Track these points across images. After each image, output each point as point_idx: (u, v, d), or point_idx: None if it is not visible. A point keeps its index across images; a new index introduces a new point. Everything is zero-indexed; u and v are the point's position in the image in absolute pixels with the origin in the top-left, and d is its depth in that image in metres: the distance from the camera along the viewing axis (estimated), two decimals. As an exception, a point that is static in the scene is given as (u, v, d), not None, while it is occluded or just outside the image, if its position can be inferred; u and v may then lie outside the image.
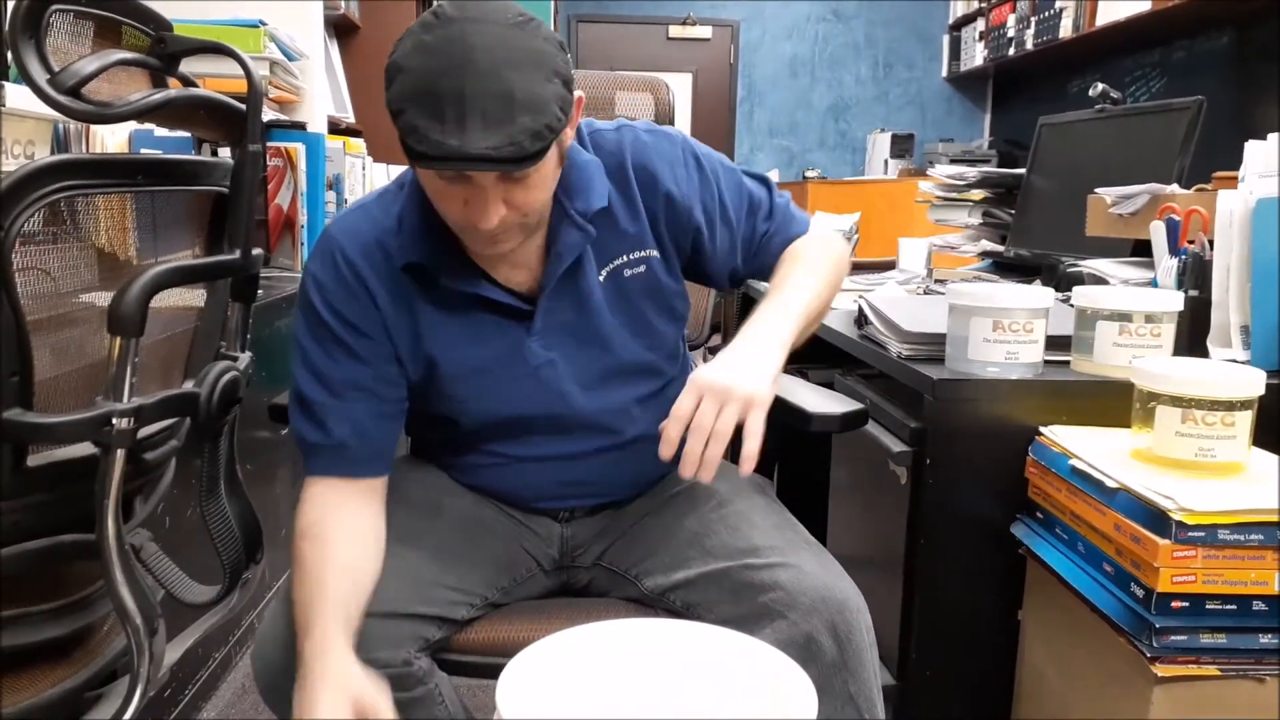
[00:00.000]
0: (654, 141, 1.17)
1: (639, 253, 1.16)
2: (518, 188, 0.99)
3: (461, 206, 1.00)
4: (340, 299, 1.11)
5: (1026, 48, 5.08)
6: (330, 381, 1.12)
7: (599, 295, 1.14)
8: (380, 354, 1.12)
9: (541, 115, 0.94)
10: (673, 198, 1.15)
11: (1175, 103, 1.85)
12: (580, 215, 1.10)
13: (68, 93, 0.85)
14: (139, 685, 1.01)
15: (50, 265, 0.92)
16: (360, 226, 1.12)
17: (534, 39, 0.96)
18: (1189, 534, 1.00)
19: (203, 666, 1.92)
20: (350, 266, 1.11)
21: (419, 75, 0.94)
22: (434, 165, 0.95)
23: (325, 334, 1.11)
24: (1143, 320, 1.28)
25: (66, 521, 0.96)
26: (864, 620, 1.05)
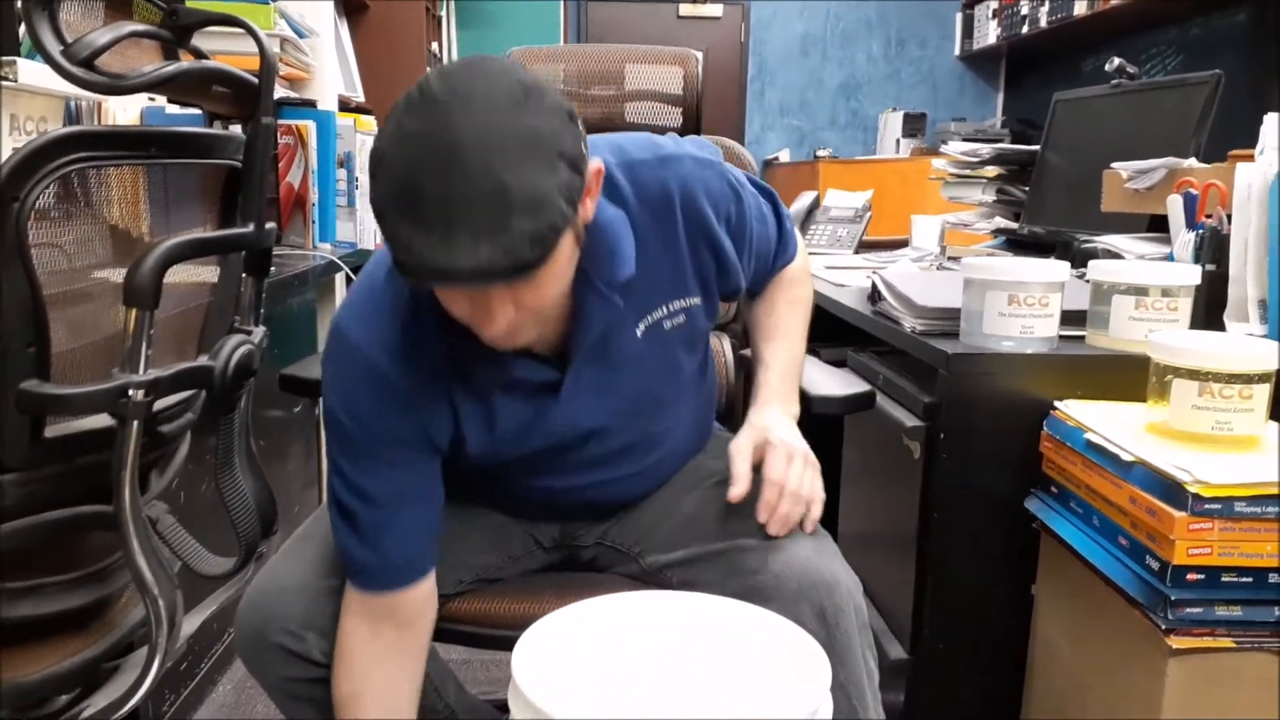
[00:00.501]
0: (701, 175, 1.05)
1: (680, 302, 1.07)
2: (527, 288, 0.87)
3: (465, 308, 0.89)
4: (369, 408, 1.00)
5: (1040, 25, 5.03)
6: (367, 495, 1.02)
7: (634, 351, 1.06)
8: (419, 452, 1.03)
9: (542, 214, 0.81)
10: (719, 239, 1.06)
11: (1192, 77, 1.83)
12: (608, 287, 0.99)
13: (81, 64, 0.85)
14: (157, 655, 1.02)
15: (63, 241, 0.92)
16: (372, 323, 1.00)
17: (534, 117, 0.82)
18: (1205, 506, 0.99)
19: (218, 641, 1.93)
20: (372, 368, 0.99)
21: (400, 171, 0.81)
22: (421, 282, 0.86)
23: (354, 446, 1.02)
24: (1159, 294, 1.27)
25: (84, 493, 0.97)
26: (854, 604, 1.03)
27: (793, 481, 1.03)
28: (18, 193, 0.81)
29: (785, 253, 1.21)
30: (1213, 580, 1.01)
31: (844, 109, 6.46)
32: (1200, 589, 1.02)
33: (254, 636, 1.07)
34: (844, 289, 1.84)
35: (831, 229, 2.48)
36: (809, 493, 1.05)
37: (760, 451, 1.06)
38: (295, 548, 1.13)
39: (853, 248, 2.43)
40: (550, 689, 0.80)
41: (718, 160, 1.08)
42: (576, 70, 1.56)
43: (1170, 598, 1.02)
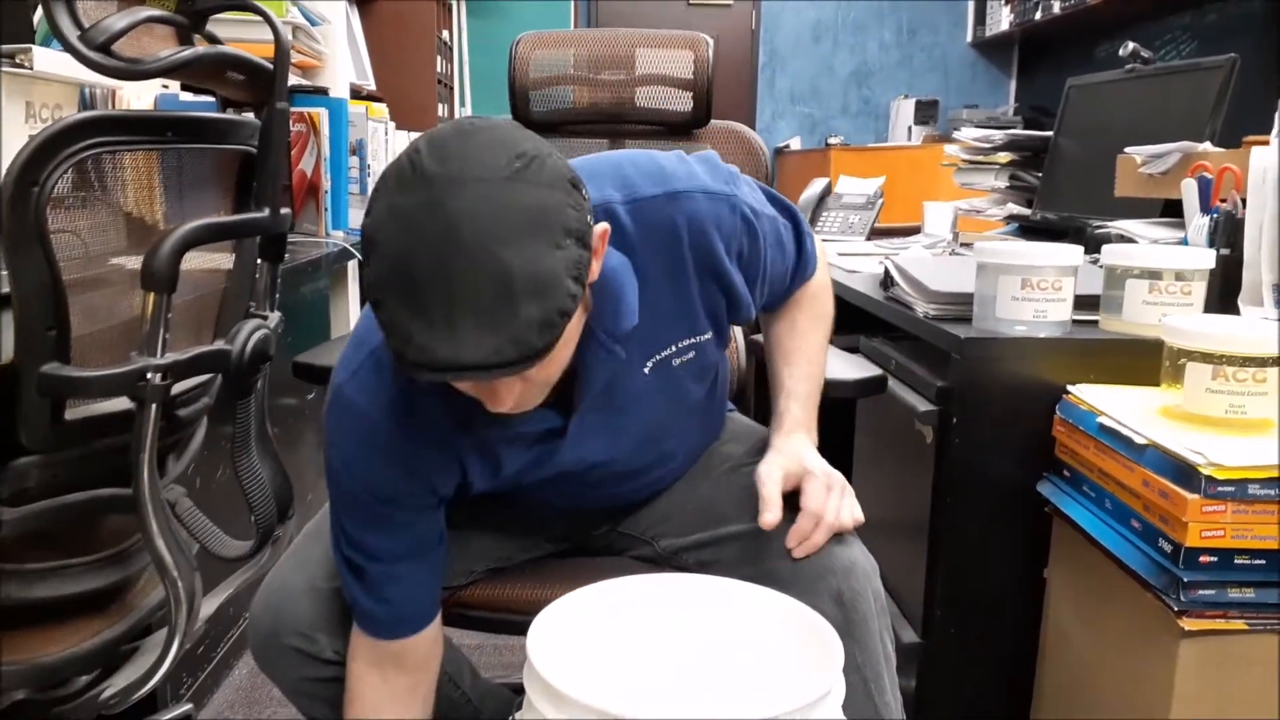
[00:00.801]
0: (713, 210, 0.98)
1: (689, 339, 1.04)
2: (532, 371, 0.82)
3: (470, 387, 0.85)
4: (372, 469, 0.97)
5: (1054, 11, 4.99)
6: (372, 553, 1.01)
7: (640, 389, 1.03)
8: (421, 510, 1.01)
9: (550, 299, 0.76)
10: (729, 275, 1.01)
11: (1207, 61, 1.82)
12: (611, 339, 0.95)
13: (98, 49, 0.86)
14: (176, 636, 1.03)
15: (80, 227, 0.93)
16: (374, 380, 0.96)
17: (534, 191, 0.77)
18: (1219, 489, 0.99)
19: (234, 626, 1.95)
20: (373, 427, 0.96)
21: (395, 255, 0.76)
22: (427, 378, 0.79)
23: (357, 510, 1.00)
24: (1173, 278, 1.27)
25: (103, 476, 0.98)
26: (872, 586, 1.04)
27: (830, 514, 1.02)
28: (38, 177, 0.82)
29: (804, 272, 1.16)
30: (1225, 562, 1.02)
31: (855, 96, 6.43)
32: (1212, 571, 1.02)
33: (267, 638, 1.08)
34: (856, 275, 1.84)
35: (843, 216, 2.48)
36: (847, 520, 1.03)
37: (793, 480, 1.04)
38: (304, 546, 1.13)
39: (865, 234, 2.42)
40: (565, 669, 0.80)
41: (731, 190, 1.01)
42: (587, 55, 1.55)
43: (1182, 580, 1.02)
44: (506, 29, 4.64)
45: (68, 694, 1.07)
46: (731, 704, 0.90)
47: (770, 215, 1.07)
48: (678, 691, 0.93)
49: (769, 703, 0.77)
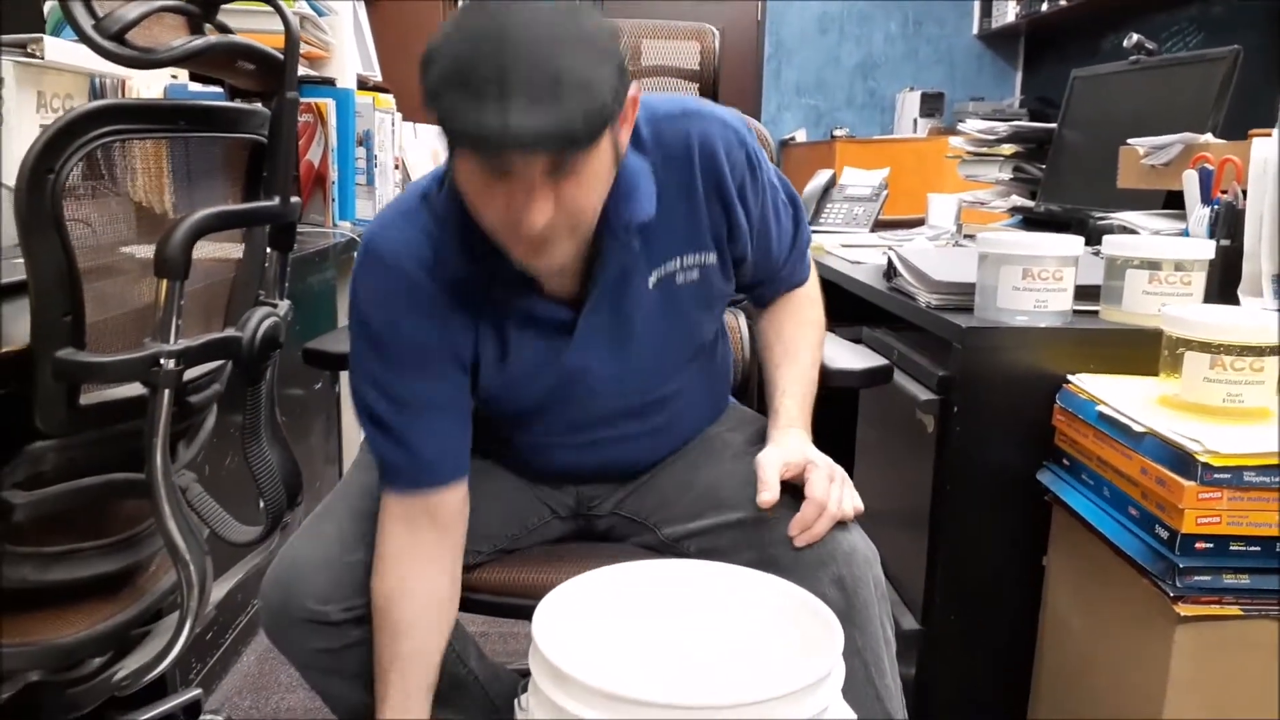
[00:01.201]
0: (724, 135, 1.06)
1: (694, 256, 1.08)
2: (568, 183, 0.88)
3: (503, 209, 0.89)
4: (401, 314, 1.02)
5: (1060, 3, 4.98)
6: (401, 399, 1.05)
7: (645, 304, 1.08)
8: (446, 363, 1.05)
9: (594, 96, 0.83)
10: (730, 197, 1.07)
11: (1211, 53, 1.83)
12: (624, 229, 1.01)
13: (112, 38, 0.87)
14: (188, 619, 1.05)
15: (93, 215, 0.94)
16: (405, 235, 1.02)
17: (585, 21, 0.87)
18: (1214, 476, 1.01)
19: (242, 612, 1.97)
20: (405, 276, 1.01)
21: (455, 59, 0.84)
22: (475, 148, 0.85)
23: (388, 352, 1.04)
24: (1172, 268, 1.28)
25: (116, 460, 1.00)
26: (872, 573, 1.06)
27: (833, 504, 1.04)
28: (53, 164, 0.83)
29: (798, 265, 1.22)
30: (1221, 549, 1.03)
31: (861, 88, 6.42)
32: (1208, 557, 1.03)
33: (278, 612, 1.09)
34: (860, 266, 1.85)
35: (848, 207, 2.49)
36: (849, 509, 1.06)
37: (793, 469, 1.06)
38: (316, 524, 1.15)
39: (869, 226, 2.43)
40: (570, 652, 0.82)
41: (747, 133, 1.08)
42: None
43: (1179, 566, 1.03)
44: (512, 20, 4.63)
45: (81, 676, 1.09)
46: (733, 686, 0.92)
47: (774, 180, 1.15)
48: (681, 674, 0.94)
49: (769, 685, 0.78)
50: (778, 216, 1.16)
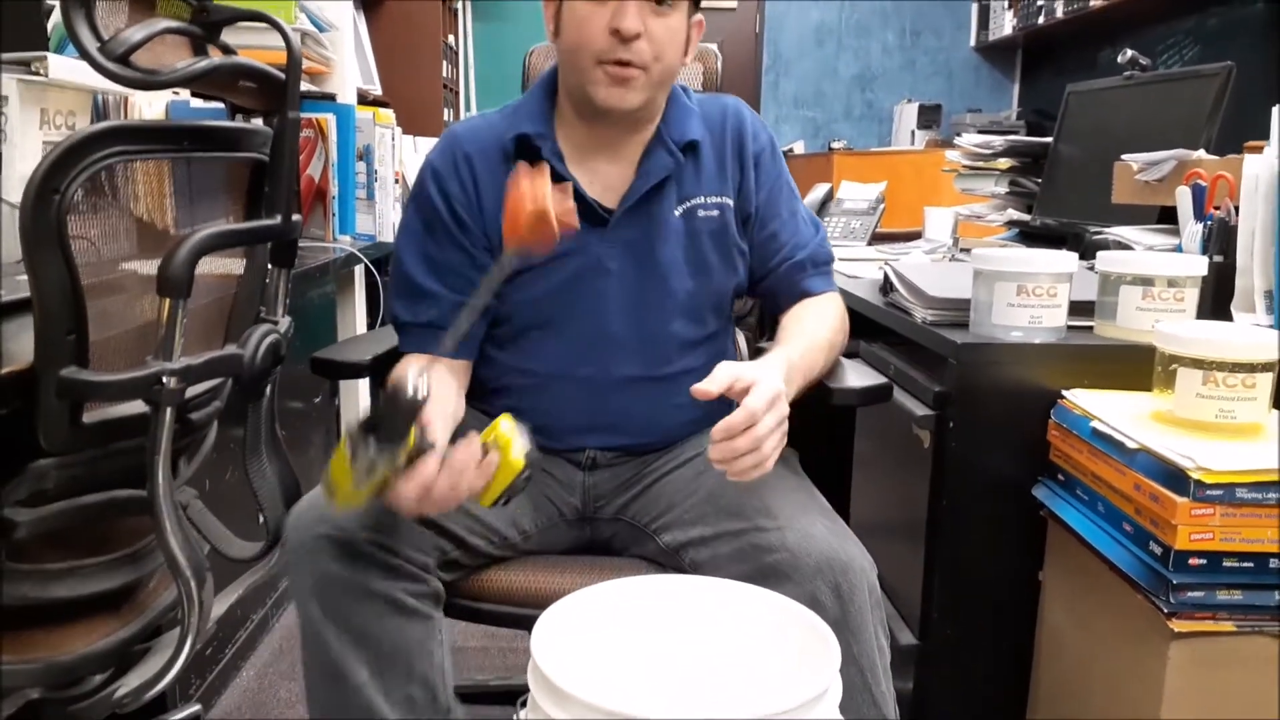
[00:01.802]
0: (754, 120, 1.31)
1: (716, 198, 1.26)
2: (657, 20, 1.13)
3: (604, 26, 1.12)
4: (452, 188, 1.23)
5: (1056, 16, 5.01)
6: (434, 263, 1.23)
7: (671, 226, 1.24)
8: (477, 244, 1.23)
9: None
10: (749, 159, 1.28)
11: (1204, 69, 1.84)
12: (674, 142, 1.22)
13: (117, 60, 0.89)
14: (189, 635, 1.06)
15: (95, 233, 0.95)
16: (481, 128, 1.26)
17: None
18: (1207, 492, 1.01)
19: (241, 627, 1.97)
20: (465, 158, 1.23)
21: None
22: None
23: (435, 219, 1.23)
24: (1165, 284, 1.29)
25: (118, 478, 1.01)
26: (867, 582, 1.07)
27: (762, 426, 1.00)
28: (58, 185, 0.84)
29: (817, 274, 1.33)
30: (1214, 565, 1.04)
31: (859, 100, 6.45)
32: (1202, 574, 1.04)
33: (302, 531, 1.10)
34: (857, 281, 1.86)
35: (845, 221, 2.50)
36: (766, 451, 1.01)
37: (744, 383, 1.02)
38: None
39: (866, 239, 2.45)
40: (569, 668, 0.82)
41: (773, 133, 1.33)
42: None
43: (1172, 582, 1.04)
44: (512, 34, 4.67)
45: (81, 693, 1.09)
46: (732, 703, 0.92)
47: (791, 185, 1.33)
48: (679, 690, 0.95)
49: (768, 702, 0.79)
50: (791, 209, 1.31)
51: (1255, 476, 1.02)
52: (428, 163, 1.26)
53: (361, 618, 1.09)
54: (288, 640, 2.07)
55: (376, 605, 1.09)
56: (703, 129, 1.26)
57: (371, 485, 0.97)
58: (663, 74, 1.17)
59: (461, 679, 1.89)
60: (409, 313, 1.25)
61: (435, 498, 0.98)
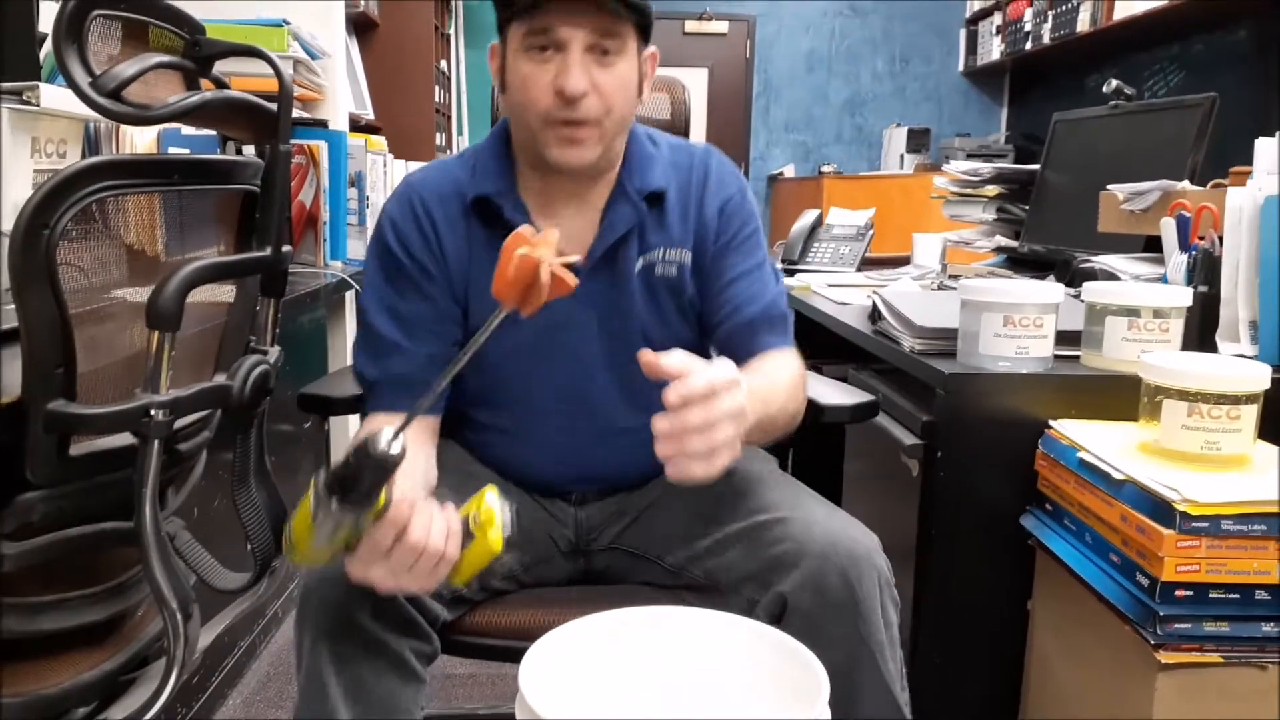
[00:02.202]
0: (728, 170, 1.27)
1: (674, 251, 1.22)
2: (604, 71, 1.10)
3: (549, 85, 1.09)
4: (412, 238, 1.20)
5: (1044, 42, 5.07)
6: (399, 316, 1.20)
7: (633, 285, 1.21)
8: (443, 293, 1.20)
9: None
10: (715, 214, 1.23)
11: (1188, 99, 1.86)
12: (636, 194, 1.20)
13: (109, 95, 0.89)
14: (175, 668, 1.05)
15: (85, 262, 0.95)
16: (437, 176, 1.23)
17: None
18: (1193, 524, 1.02)
19: (229, 655, 1.96)
20: (424, 207, 1.20)
21: None
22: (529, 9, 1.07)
23: (396, 271, 1.20)
24: (1151, 315, 1.30)
25: (105, 509, 1.00)
26: (875, 563, 1.07)
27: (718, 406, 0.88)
28: (48, 220, 0.84)
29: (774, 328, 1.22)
30: (1201, 597, 1.04)
31: (848, 125, 6.50)
32: (1188, 605, 1.04)
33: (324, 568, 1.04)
34: (846, 308, 1.87)
35: (834, 247, 2.51)
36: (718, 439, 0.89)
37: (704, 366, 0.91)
38: None
39: (854, 265, 2.46)
40: (557, 702, 0.82)
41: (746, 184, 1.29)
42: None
43: (1159, 614, 1.04)
44: (503, 58, 4.68)
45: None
46: (718, 736, 0.92)
47: (759, 234, 1.28)
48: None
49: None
50: (755, 261, 1.25)
51: (1241, 508, 1.02)
52: (385, 214, 1.23)
53: (365, 671, 1.07)
54: (275, 667, 2.06)
55: (381, 662, 1.07)
56: (668, 176, 1.23)
57: (335, 546, 0.91)
58: (616, 124, 1.15)
59: (450, 707, 1.89)
60: (376, 369, 1.20)
61: (393, 568, 0.90)
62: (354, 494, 0.87)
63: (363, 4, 3.51)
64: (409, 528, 0.90)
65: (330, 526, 0.88)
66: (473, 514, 0.95)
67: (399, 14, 3.86)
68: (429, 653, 1.12)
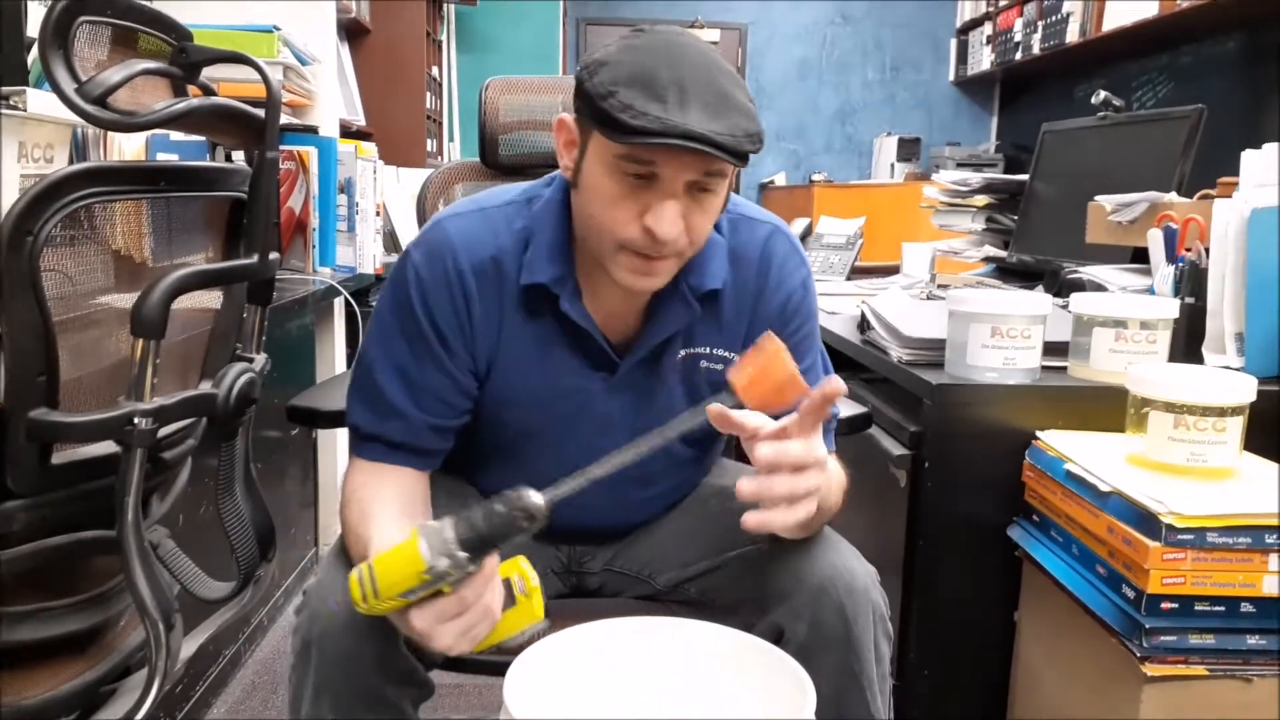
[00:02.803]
0: (790, 256, 1.14)
1: (722, 351, 1.12)
2: (697, 208, 0.97)
3: (636, 216, 0.95)
4: (441, 308, 1.06)
5: (1034, 52, 5.09)
6: (410, 381, 1.08)
7: (673, 371, 1.12)
8: (461, 368, 1.09)
9: (754, 123, 0.94)
10: (773, 314, 1.12)
11: (1175, 111, 1.87)
12: (692, 292, 1.07)
13: (94, 102, 0.88)
14: (156, 678, 1.04)
15: (70, 269, 0.94)
16: (479, 235, 1.07)
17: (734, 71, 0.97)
18: (1178, 537, 1.02)
19: (213, 664, 1.95)
20: (459, 276, 1.06)
21: (632, 66, 0.92)
22: (652, 141, 0.90)
23: (416, 335, 1.07)
24: (1138, 327, 1.30)
25: (86, 518, 0.99)
26: (872, 598, 1.05)
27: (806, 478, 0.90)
28: (32, 227, 0.84)
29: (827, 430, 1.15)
30: (1186, 609, 1.04)
31: (839, 133, 6.52)
32: (1174, 617, 1.04)
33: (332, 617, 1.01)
34: (835, 317, 1.87)
35: (824, 256, 2.52)
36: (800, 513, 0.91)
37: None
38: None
39: (844, 274, 2.46)
40: (541, 714, 0.82)
41: (810, 278, 1.17)
42: (558, 100, 1.60)
43: (1145, 626, 1.04)
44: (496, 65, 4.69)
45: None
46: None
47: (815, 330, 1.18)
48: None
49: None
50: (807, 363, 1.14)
51: (1226, 521, 1.03)
52: (413, 267, 1.07)
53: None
54: (260, 676, 2.05)
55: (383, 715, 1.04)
56: (727, 270, 1.09)
57: (421, 596, 0.87)
58: (695, 250, 1.03)
59: (437, 716, 1.88)
60: (375, 425, 1.09)
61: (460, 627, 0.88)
62: (484, 552, 0.85)
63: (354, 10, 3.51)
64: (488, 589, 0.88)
65: (438, 581, 0.85)
66: (516, 580, 0.92)
67: (391, 20, 3.86)
68: (424, 697, 1.10)
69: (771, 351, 0.88)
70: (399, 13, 3.88)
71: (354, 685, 1.03)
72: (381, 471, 1.09)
